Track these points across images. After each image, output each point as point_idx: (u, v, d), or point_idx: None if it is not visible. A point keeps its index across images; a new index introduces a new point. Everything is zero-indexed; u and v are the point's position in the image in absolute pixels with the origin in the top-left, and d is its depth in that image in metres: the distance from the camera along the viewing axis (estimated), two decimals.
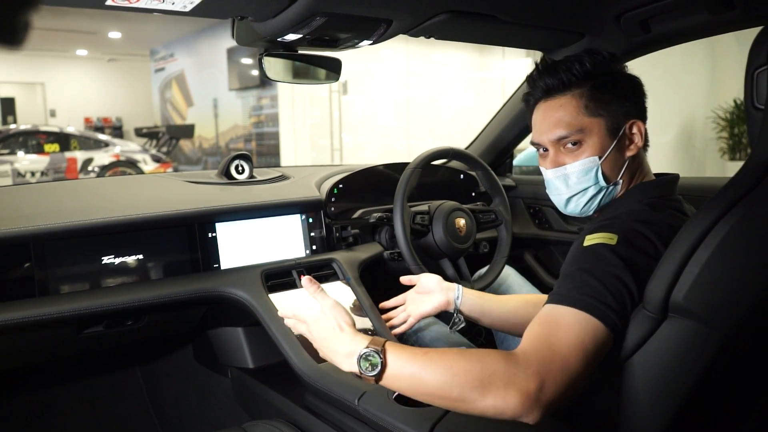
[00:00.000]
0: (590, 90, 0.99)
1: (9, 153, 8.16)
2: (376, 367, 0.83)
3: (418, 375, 0.81)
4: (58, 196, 1.34)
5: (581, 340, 0.79)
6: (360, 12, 1.04)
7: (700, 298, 0.76)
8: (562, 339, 0.79)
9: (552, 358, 0.77)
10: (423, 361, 0.82)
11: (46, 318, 1.13)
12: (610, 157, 0.99)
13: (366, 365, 0.84)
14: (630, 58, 1.54)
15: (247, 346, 1.46)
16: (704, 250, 0.75)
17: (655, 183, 1.02)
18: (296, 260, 1.45)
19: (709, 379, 0.79)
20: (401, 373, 0.83)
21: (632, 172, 1.02)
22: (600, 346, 0.80)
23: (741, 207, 0.75)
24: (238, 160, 1.61)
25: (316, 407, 1.15)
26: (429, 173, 1.81)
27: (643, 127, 1.00)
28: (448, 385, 0.78)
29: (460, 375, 0.78)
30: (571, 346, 0.78)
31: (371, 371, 0.83)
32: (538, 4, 1.20)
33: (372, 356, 0.84)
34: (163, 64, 11.93)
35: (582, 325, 0.80)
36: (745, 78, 0.82)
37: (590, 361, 0.79)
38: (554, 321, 0.82)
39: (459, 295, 1.25)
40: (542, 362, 0.77)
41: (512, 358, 0.78)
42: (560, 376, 0.76)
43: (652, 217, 0.92)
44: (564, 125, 0.99)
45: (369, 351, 0.84)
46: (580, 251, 0.89)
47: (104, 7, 0.93)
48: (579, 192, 1.02)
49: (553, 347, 0.78)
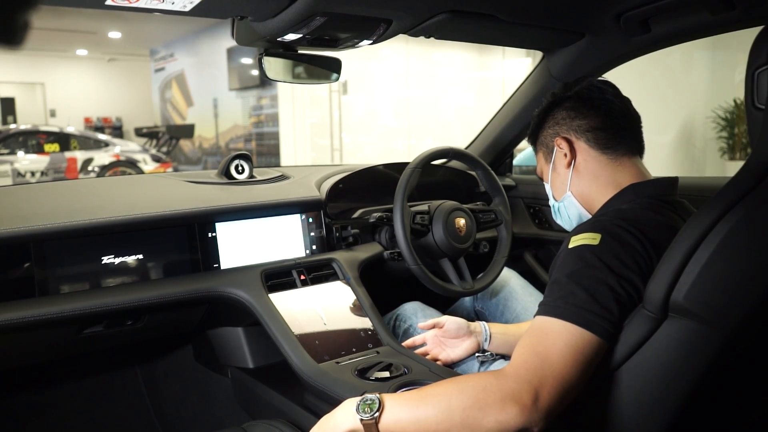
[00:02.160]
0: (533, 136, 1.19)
1: (9, 153, 8.16)
2: (372, 409, 0.83)
3: (416, 409, 0.82)
4: (58, 196, 1.33)
5: (570, 347, 0.80)
6: (360, 12, 1.04)
7: (700, 297, 0.76)
8: (550, 348, 0.81)
9: (542, 366, 0.79)
10: (419, 395, 0.83)
11: (46, 318, 1.13)
12: (552, 177, 1.14)
13: (364, 407, 0.84)
14: (630, 58, 1.54)
15: (247, 346, 1.46)
16: (704, 250, 0.75)
17: (648, 183, 1.02)
18: (296, 260, 1.45)
19: (709, 379, 0.79)
20: (400, 410, 0.83)
21: (589, 178, 1.07)
22: (590, 353, 0.81)
23: (741, 207, 0.75)
24: (238, 159, 1.61)
25: (316, 407, 1.15)
26: (429, 173, 1.81)
27: (564, 140, 1.08)
28: (448, 411, 0.79)
29: (455, 399, 0.79)
30: (560, 354, 0.80)
31: (368, 414, 0.83)
32: (538, 4, 1.20)
33: (369, 400, 0.84)
34: (163, 64, 11.93)
35: (571, 333, 0.81)
36: (745, 78, 0.82)
37: (582, 368, 0.80)
38: (542, 332, 0.83)
39: (487, 337, 1.30)
40: (532, 372, 0.79)
41: (502, 373, 0.80)
42: (553, 382, 0.78)
43: (638, 215, 0.92)
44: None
45: (366, 397, 0.85)
46: (566, 254, 0.91)
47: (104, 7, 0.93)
48: (554, 213, 1.18)
49: (542, 356, 0.80)
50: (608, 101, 1.07)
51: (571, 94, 1.10)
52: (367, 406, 0.84)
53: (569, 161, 1.08)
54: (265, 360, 1.46)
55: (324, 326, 1.29)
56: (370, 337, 1.30)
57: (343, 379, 1.12)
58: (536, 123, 1.17)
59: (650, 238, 0.88)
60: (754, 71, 0.80)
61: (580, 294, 0.83)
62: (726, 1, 1.15)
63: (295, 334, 1.24)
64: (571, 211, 1.12)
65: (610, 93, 1.08)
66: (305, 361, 1.18)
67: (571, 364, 0.79)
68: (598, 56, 1.52)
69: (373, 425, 0.82)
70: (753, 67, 0.80)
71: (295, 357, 1.19)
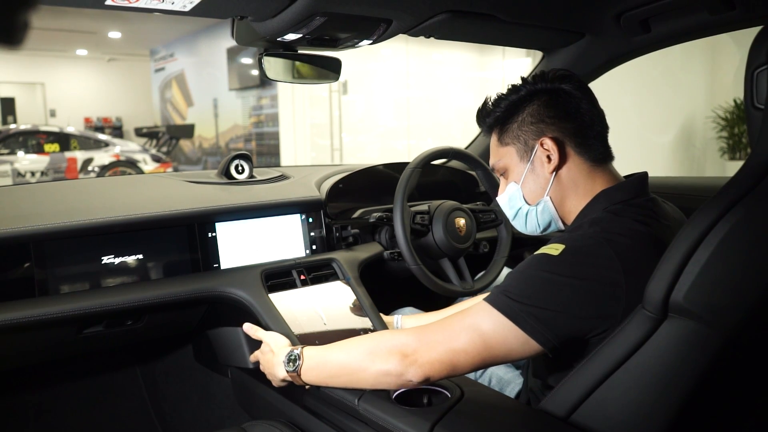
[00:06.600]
0: (500, 124, 1.07)
1: (9, 153, 8.16)
2: (295, 362, 1.03)
3: (324, 358, 1.01)
4: (58, 196, 1.33)
5: (476, 323, 0.88)
6: (360, 12, 1.04)
7: (700, 298, 0.76)
8: (456, 318, 0.91)
9: (440, 330, 0.90)
10: (330, 346, 1.03)
11: (46, 318, 1.13)
12: (528, 178, 1.04)
13: (288, 363, 1.04)
14: (630, 58, 1.54)
15: (247, 346, 1.46)
16: (704, 250, 0.75)
17: (620, 187, 0.99)
18: (296, 260, 1.45)
19: (709, 379, 0.79)
20: (312, 361, 1.02)
21: (568, 185, 1.01)
22: (502, 340, 0.87)
23: (741, 207, 0.75)
24: (237, 159, 1.61)
25: (316, 407, 1.15)
26: (429, 173, 1.81)
27: (552, 142, 0.99)
28: (346, 358, 0.98)
29: (354, 348, 0.98)
30: (462, 325, 0.89)
31: (293, 367, 1.03)
32: (538, 4, 1.20)
33: (292, 354, 1.05)
34: (163, 63, 11.93)
35: (485, 313, 0.88)
36: (745, 78, 0.81)
37: (481, 346, 0.87)
38: (463, 310, 0.92)
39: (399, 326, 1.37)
40: (427, 331, 0.91)
41: (404, 330, 0.95)
42: (440, 346, 0.88)
43: (611, 227, 0.90)
44: (491, 160, 1.12)
45: (291, 351, 1.05)
46: (527, 258, 0.93)
47: (104, 7, 0.93)
48: (514, 215, 1.10)
49: (445, 323, 0.91)
50: (592, 103, 1.02)
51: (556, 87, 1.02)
52: (290, 361, 1.04)
53: (555, 166, 1.00)
54: None
55: (324, 326, 1.29)
56: None
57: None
58: (507, 109, 1.04)
59: (621, 248, 0.87)
60: (753, 71, 0.80)
61: (518, 286, 0.88)
62: (726, 1, 1.15)
63: (295, 334, 1.24)
64: (542, 217, 1.06)
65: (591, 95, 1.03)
66: None
67: (467, 335, 0.88)
68: (598, 56, 1.52)
69: (296, 375, 1.03)
70: (752, 67, 0.80)
71: None
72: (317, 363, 1.02)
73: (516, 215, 1.09)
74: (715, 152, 6.41)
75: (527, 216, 1.07)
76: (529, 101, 1.03)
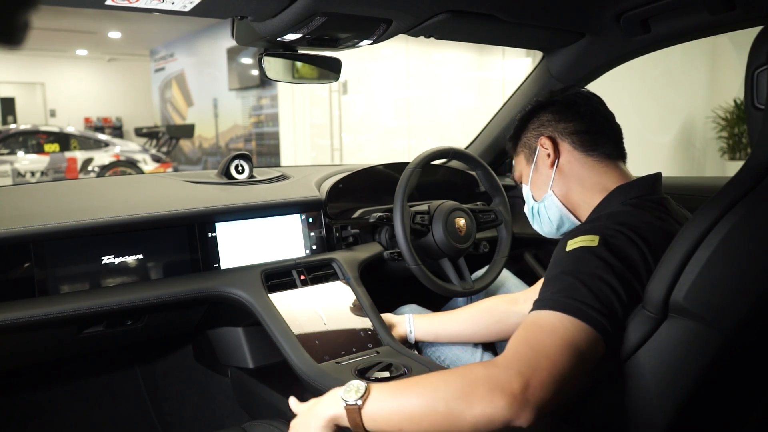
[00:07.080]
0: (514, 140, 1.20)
1: (9, 153, 8.16)
2: (360, 393, 0.82)
3: (400, 397, 0.80)
4: (58, 196, 1.33)
5: (566, 340, 0.77)
6: (360, 12, 1.04)
7: (700, 298, 0.76)
8: (545, 340, 0.78)
9: (535, 357, 0.76)
10: (405, 384, 0.82)
11: (45, 318, 1.13)
12: (533, 178, 1.14)
13: (350, 392, 0.82)
14: (630, 58, 1.54)
15: (247, 346, 1.46)
16: (704, 250, 0.75)
17: (635, 183, 1.03)
18: (296, 260, 1.45)
19: (709, 379, 0.79)
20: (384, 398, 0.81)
21: (571, 178, 1.08)
22: (588, 348, 0.78)
23: (741, 207, 0.75)
24: (237, 159, 1.61)
25: None
26: (429, 173, 1.81)
27: (548, 139, 1.09)
28: (432, 401, 0.76)
29: (441, 389, 0.77)
30: (555, 346, 0.77)
31: (354, 397, 0.81)
32: (538, 4, 1.20)
33: (356, 386, 0.83)
34: (163, 63, 11.93)
35: (566, 326, 0.79)
36: (745, 78, 0.82)
37: (578, 362, 0.77)
38: (537, 325, 0.81)
39: (411, 329, 1.35)
40: (524, 362, 0.75)
41: (492, 364, 0.77)
42: (546, 375, 0.74)
43: (631, 218, 0.92)
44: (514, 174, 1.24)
45: (353, 383, 0.84)
46: (562, 256, 0.89)
47: (104, 7, 0.93)
48: (531, 217, 1.17)
49: (536, 348, 0.77)
50: (593, 107, 1.09)
51: (558, 99, 1.12)
52: (354, 391, 0.82)
53: (553, 161, 1.08)
54: (265, 360, 1.46)
55: (324, 326, 1.29)
56: (370, 337, 1.30)
57: (343, 379, 1.11)
58: (519, 125, 1.17)
59: (646, 240, 0.88)
60: (753, 71, 0.80)
61: (580, 288, 0.82)
62: (726, 1, 1.15)
63: (295, 334, 1.24)
64: (551, 212, 1.11)
65: (596, 102, 1.11)
66: (305, 361, 1.18)
67: (565, 356, 0.76)
68: (598, 56, 1.52)
69: (356, 411, 0.81)
70: (753, 67, 0.80)
71: (295, 357, 1.19)
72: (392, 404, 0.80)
73: (532, 216, 1.17)
74: (715, 152, 6.41)
75: (539, 213, 1.14)
76: (535, 114, 1.14)
